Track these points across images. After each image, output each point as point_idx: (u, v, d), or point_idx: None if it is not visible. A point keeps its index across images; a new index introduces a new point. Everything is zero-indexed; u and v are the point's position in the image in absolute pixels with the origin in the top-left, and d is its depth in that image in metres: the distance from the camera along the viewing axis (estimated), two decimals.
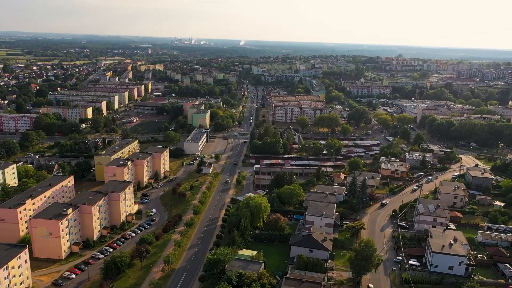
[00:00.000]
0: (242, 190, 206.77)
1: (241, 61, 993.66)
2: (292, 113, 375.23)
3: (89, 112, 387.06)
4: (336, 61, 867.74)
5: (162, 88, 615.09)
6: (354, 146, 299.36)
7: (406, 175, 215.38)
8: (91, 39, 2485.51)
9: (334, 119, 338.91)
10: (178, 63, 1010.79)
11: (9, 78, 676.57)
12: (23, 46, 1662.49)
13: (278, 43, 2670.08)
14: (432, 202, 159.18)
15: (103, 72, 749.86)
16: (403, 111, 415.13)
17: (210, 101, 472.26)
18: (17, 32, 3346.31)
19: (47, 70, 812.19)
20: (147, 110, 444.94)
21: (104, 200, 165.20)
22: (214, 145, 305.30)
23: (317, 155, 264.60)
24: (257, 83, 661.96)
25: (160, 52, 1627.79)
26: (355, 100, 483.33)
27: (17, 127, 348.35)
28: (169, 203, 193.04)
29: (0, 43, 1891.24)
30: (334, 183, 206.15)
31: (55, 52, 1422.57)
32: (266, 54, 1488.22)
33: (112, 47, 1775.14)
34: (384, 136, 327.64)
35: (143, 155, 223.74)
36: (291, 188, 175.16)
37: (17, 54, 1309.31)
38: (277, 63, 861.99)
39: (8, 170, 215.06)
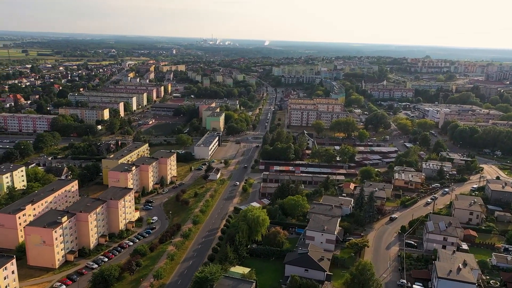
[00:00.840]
0: (247, 199, 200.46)
1: (263, 62, 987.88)
2: (308, 117, 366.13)
3: (106, 113, 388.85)
4: (359, 63, 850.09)
5: (182, 89, 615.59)
6: (370, 152, 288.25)
7: (421, 187, 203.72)
8: (119, 40, 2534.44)
9: (350, 123, 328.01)
10: (200, 63, 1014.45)
11: (35, 78, 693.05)
12: (53, 47, 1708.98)
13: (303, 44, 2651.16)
14: (443, 218, 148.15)
15: (125, 73, 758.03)
16: (425, 115, 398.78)
17: (227, 103, 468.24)
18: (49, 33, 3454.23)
19: (72, 71, 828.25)
20: (164, 112, 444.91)
21: (102, 208, 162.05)
22: (225, 149, 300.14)
23: (330, 162, 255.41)
24: (277, 85, 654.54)
25: (185, 52, 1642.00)
26: (376, 103, 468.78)
27: (35, 127, 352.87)
28: (171, 211, 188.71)
29: (32, 43, 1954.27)
30: (343, 193, 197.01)
31: (83, 52, 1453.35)
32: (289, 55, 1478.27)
33: (138, 48, 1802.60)
34: (403, 142, 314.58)
35: (149, 160, 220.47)
36: (295, 199, 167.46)
37: (47, 54, 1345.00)
38: (299, 64, 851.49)
39: (17, 173, 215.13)
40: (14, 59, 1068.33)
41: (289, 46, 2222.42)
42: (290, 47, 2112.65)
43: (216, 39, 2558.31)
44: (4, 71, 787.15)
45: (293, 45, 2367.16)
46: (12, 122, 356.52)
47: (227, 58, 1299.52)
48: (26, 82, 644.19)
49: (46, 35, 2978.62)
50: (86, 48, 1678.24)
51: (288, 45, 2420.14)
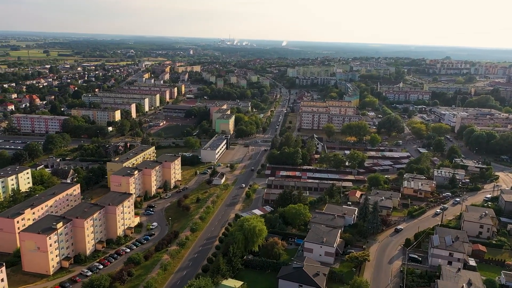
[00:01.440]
0: (250, 205, 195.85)
1: (278, 63, 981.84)
2: (320, 120, 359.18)
3: (117, 114, 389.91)
4: (376, 64, 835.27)
5: (196, 90, 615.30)
6: (381, 158, 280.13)
7: (431, 196, 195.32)
8: (138, 40, 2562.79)
9: (362, 127, 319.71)
10: (216, 64, 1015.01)
11: (53, 78, 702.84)
12: (74, 47, 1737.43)
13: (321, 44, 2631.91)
14: (450, 232, 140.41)
15: (141, 74, 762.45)
16: (441, 119, 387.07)
17: (239, 104, 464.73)
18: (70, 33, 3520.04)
19: (90, 71, 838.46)
20: (176, 113, 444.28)
21: (99, 213, 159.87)
22: (233, 152, 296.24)
23: (338, 168, 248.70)
24: (291, 86, 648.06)
25: (202, 53, 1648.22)
26: (391, 106, 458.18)
27: (48, 128, 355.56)
28: (172, 217, 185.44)
29: (54, 44, 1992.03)
30: (349, 201, 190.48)
31: (102, 53, 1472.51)
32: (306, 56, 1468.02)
33: (156, 48, 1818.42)
34: (416, 148, 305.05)
35: (152, 164, 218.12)
36: (296, 207, 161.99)
37: (67, 54, 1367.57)
38: (314, 65, 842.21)
39: (22, 175, 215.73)
40: (36, 59, 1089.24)
41: (306, 47, 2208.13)
42: (308, 48, 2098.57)
43: (234, 40, 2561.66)
44: (24, 71, 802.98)
45: (311, 46, 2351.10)
46: (25, 122, 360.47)
47: (243, 58, 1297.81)
48: (44, 83, 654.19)
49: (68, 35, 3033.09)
50: (105, 48, 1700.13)
51: (305, 45, 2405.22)
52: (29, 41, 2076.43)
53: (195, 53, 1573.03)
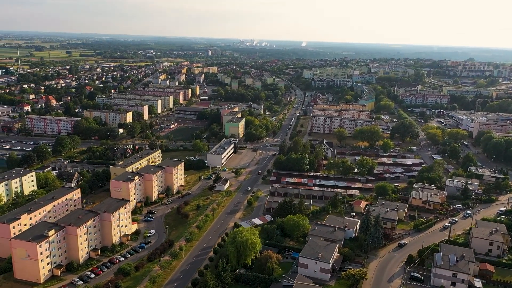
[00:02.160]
0: (251, 213, 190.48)
1: (295, 64, 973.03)
2: (331, 124, 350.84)
3: (129, 116, 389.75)
4: (395, 65, 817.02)
5: (210, 91, 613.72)
6: (393, 164, 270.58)
7: (440, 208, 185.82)
8: (159, 41, 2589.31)
9: (375, 132, 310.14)
10: (233, 65, 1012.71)
11: (72, 79, 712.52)
12: (96, 48, 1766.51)
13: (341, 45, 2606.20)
14: (456, 250, 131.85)
15: (157, 75, 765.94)
16: (459, 124, 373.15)
17: (252, 107, 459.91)
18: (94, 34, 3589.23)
19: (108, 72, 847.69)
20: (188, 115, 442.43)
21: (94, 221, 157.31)
22: (241, 157, 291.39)
23: (346, 175, 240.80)
24: (306, 88, 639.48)
25: (221, 53, 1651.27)
26: (407, 110, 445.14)
27: (60, 130, 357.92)
28: (170, 224, 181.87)
29: (76, 44, 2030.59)
30: (353, 212, 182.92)
31: (123, 53, 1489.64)
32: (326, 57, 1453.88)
33: (176, 49, 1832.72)
34: (430, 154, 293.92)
35: (154, 169, 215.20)
36: (295, 218, 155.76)
37: (89, 55, 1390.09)
38: (332, 67, 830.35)
39: (26, 178, 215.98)
40: (58, 59, 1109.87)
41: (326, 48, 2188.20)
42: (327, 49, 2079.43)
43: (253, 40, 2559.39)
44: (45, 72, 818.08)
45: (331, 47, 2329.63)
46: (38, 124, 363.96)
47: (261, 60, 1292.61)
48: (62, 83, 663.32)
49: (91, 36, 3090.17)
50: (126, 49, 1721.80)
51: (325, 46, 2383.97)
52: (54, 42, 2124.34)
53: (213, 54, 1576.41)
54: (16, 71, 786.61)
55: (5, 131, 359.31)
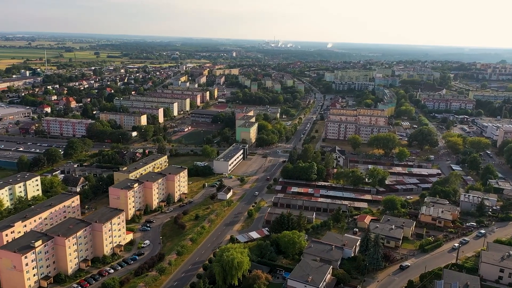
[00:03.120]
0: (250, 226, 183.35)
1: (318, 66, 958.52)
2: (346, 130, 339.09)
3: (143, 119, 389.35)
4: (420, 68, 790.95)
5: (229, 94, 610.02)
6: (407, 174, 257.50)
7: (451, 225, 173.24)
8: (186, 42, 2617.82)
9: (391, 140, 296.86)
10: (255, 67, 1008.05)
11: (95, 80, 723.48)
12: (123, 49, 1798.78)
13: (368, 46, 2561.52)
14: (460, 277, 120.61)
15: (178, 77, 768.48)
16: (483, 132, 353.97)
17: (268, 110, 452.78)
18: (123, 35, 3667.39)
19: (131, 73, 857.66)
20: (203, 119, 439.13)
21: (84, 231, 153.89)
22: (250, 163, 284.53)
23: (356, 185, 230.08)
24: (327, 91, 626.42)
25: (245, 55, 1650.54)
26: (429, 115, 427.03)
27: (75, 132, 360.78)
28: (165, 235, 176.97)
29: (105, 45, 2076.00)
30: (356, 228, 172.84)
31: (149, 54, 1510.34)
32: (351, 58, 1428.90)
33: (201, 50, 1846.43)
34: (449, 164, 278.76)
35: (155, 176, 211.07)
36: (290, 235, 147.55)
37: (116, 56, 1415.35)
38: (355, 69, 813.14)
39: (31, 182, 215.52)
40: (85, 60, 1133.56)
41: (352, 49, 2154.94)
42: (354, 50, 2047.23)
43: (278, 41, 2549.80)
44: (71, 73, 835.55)
45: (357, 48, 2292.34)
46: (54, 126, 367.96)
47: (285, 61, 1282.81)
48: (85, 85, 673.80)
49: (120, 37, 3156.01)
50: (152, 50, 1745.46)
51: (352, 47, 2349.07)
52: (84, 43, 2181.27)
53: (237, 55, 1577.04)
54: (43, 72, 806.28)
55: (23, 133, 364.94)
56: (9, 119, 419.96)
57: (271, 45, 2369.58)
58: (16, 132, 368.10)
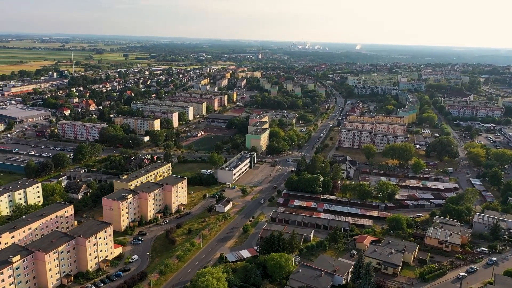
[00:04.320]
0: (244, 242, 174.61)
1: (342, 69, 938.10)
2: (361, 138, 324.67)
3: (156, 124, 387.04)
4: (449, 72, 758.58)
5: (248, 98, 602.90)
6: (422, 188, 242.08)
7: (460, 250, 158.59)
8: (214, 43, 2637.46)
9: (407, 150, 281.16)
10: (279, 70, 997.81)
11: (119, 83, 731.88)
12: (152, 51, 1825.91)
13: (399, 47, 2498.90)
14: None
15: (199, 80, 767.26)
16: (510, 142, 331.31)
17: (284, 116, 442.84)
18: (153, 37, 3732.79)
19: (155, 75, 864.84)
20: (218, 123, 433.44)
21: (67, 245, 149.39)
22: (256, 172, 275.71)
23: (364, 200, 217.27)
24: (348, 96, 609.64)
25: (271, 57, 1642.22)
26: (453, 123, 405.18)
27: (88, 136, 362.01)
28: (156, 250, 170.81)
29: (135, 47, 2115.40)
30: (354, 250, 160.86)
31: (176, 56, 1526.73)
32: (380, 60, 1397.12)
33: (228, 52, 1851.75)
34: (469, 177, 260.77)
35: (152, 187, 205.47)
36: (277, 257, 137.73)
37: (143, 58, 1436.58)
38: (380, 72, 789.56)
39: (31, 189, 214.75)
40: (114, 62, 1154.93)
41: (382, 50, 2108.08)
42: (383, 52, 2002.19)
43: (306, 43, 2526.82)
44: (97, 75, 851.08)
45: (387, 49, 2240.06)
46: (68, 129, 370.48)
47: (310, 63, 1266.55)
48: (108, 87, 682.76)
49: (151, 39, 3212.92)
50: (180, 52, 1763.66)
51: (381, 49, 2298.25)
52: (115, 45, 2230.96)
53: (263, 57, 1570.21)
54: (69, 74, 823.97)
55: (39, 136, 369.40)
56: (28, 121, 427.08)
57: (299, 47, 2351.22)
58: (33, 135, 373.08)
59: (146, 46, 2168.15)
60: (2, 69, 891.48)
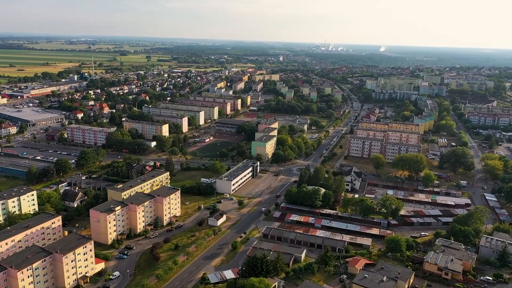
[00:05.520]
0: (231, 261, 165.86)
1: (362, 72, 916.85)
2: (371, 148, 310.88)
3: (164, 129, 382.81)
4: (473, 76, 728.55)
5: (263, 102, 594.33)
6: (430, 203, 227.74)
7: (461, 279, 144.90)
8: (237, 45, 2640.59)
9: (418, 161, 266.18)
10: (298, 72, 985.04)
11: (136, 85, 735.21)
12: (174, 52, 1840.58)
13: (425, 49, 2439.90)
14: None
15: (215, 83, 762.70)
16: None
17: (296, 121, 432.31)
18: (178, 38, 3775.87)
19: (173, 78, 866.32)
20: (228, 128, 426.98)
21: (43, 261, 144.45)
22: (258, 182, 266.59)
23: (366, 215, 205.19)
24: (366, 100, 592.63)
25: (292, 59, 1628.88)
26: (473, 131, 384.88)
27: (96, 140, 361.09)
28: (140, 266, 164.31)
29: (158, 49, 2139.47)
30: (344, 274, 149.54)
31: (197, 58, 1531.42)
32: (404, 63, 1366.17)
33: (250, 54, 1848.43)
34: (483, 193, 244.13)
35: (142, 198, 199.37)
36: (256, 283, 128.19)
37: (165, 60, 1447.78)
38: (402, 76, 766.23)
39: (25, 197, 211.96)
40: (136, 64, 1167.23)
41: (407, 53, 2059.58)
42: (408, 53, 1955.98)
43: (329, 45, 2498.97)
44: (117, 77, 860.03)
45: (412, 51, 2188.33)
46: (77, 133, 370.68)
47: (331, 66, 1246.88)
48: (125, 90, 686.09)
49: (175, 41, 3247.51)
50: (202, 54, 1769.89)
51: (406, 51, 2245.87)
52: (139, 47, 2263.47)
53: (284, 60, 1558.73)
54: (90, 76, 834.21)
55: (48, 139, 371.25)
56: (41, 124, 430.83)
57: (321, 48, 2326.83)
58: (43, 139, 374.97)
59: (169, 48, 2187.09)
60: (28, 70, 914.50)
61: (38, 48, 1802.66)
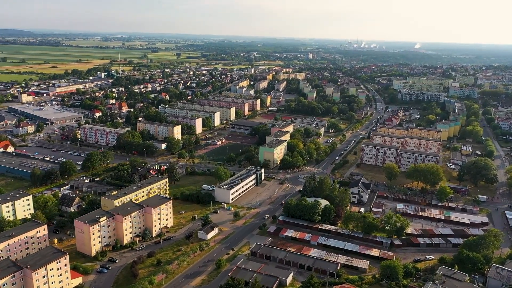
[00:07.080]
0: (212, 281, 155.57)
1: (392, 71, 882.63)
2: (385, 155, 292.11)
3: (177, 130, 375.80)
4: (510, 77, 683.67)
5: (283, 102, 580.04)
6: (443, 221, 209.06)
7: None
8: (268, 42, 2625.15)
9: (434, 173, 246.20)
10: (325, 71, 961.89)
11: (160, 83, 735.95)
12: (205, 49, 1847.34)
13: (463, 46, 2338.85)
14: None
15: (237, 82, 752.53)
16: None
17: (313, 124, 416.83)
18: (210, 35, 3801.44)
19: (198, 76, 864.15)
20: (242, 130, 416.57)
21: (13, 277, 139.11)
22: (261, 190, 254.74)
23: (368, 233, 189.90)
24: (391, 101, 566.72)
25: (322, 56, 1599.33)
26: (502, 138, 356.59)
27: (108, 141, 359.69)
28: (118, 282, 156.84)
29: (189, 46, 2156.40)
30: None
31: (226, 55, 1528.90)
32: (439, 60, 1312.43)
33: (280, 51, 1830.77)
34: (504, 210, 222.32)
35: (131, 209, 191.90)
36: None
37: (195, 57, 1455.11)
38: (434, 75, 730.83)
39: (20, 202, 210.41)
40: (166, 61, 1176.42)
41: (444, 50, 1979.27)
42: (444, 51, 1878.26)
43: (361, 42, 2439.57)
44: (143, 74, 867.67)
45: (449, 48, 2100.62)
46: (90, 134, 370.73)
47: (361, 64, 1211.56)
48: (148, 88, 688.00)
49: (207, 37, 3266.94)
50: (231, 51, 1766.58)
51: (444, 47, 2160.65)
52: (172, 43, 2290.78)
53: (314, 57, 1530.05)
54: (116, 74, 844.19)
55: (63, 139, 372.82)
56: (60, 123, 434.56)
57: (354, 45, 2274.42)
58: (58, 138, 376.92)
59: (200, 45, 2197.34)
60: (60, 67, 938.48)
61: (74, 45, 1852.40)
